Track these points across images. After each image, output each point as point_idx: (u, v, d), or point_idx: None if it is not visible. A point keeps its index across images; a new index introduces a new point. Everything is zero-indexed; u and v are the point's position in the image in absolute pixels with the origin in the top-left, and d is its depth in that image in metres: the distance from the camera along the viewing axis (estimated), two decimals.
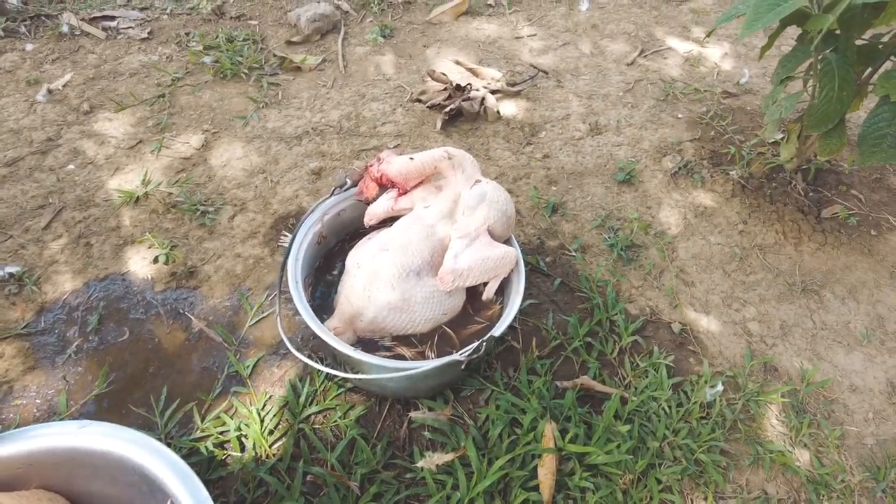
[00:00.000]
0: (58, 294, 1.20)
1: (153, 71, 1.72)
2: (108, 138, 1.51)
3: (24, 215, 1.33)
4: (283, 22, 1.96)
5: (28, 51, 1.75)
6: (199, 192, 1.40)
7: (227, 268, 1.26)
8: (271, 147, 1.52)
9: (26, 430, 0.85)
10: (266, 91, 1.69)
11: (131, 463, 0.83)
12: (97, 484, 0.87)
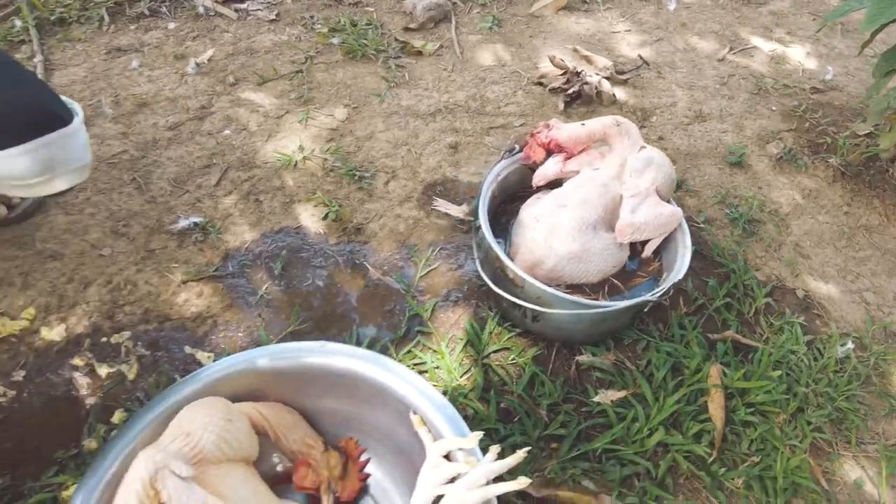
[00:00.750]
0: (239, 243, 1.30)
1: (285, 49, 1.83)
2: (257, 107, 1.62)
3: (195, 173, 1.43)
4: (398, 10, 2.07)
5: (170, 29, 1.86)
6: (352, 159, 1.50)
7: (391, 226, 1.36)
8: (409, 122, 1.63)
9: (270, 347, 0.95)
10: (394, 72, 1.79)
11: (369, 379, 0.92)
12: (329, 400, 0.97)
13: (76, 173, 0.93)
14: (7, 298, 1.15)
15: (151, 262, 1.24)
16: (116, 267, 1.22)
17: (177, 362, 1.09)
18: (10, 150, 0.84)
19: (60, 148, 0.89)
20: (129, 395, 1.04)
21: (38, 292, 1.16)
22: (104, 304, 1.16)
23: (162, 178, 1.40)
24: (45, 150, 0.87)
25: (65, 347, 1.09)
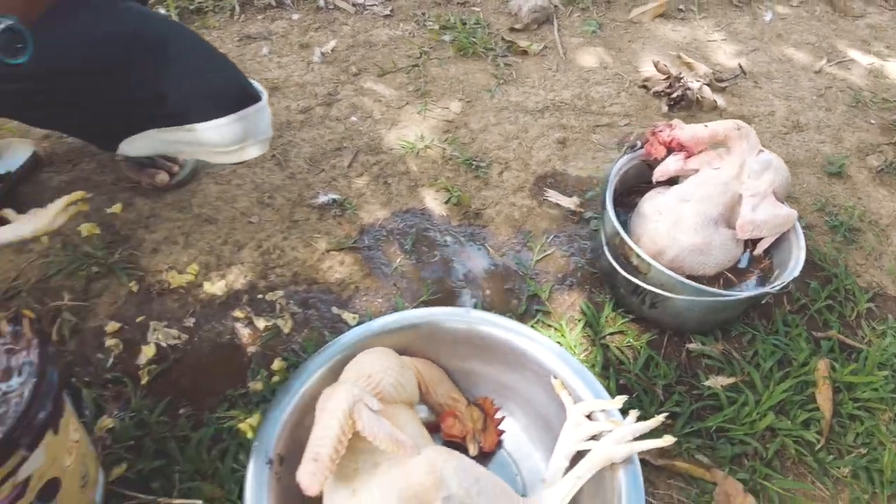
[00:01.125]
0: (372, 219, 1.41)
1: (401, 44, 1.95)
2: (379, 97, 1.74)
3: (328, 154, 1.55)
4: (503, 10, 2.16)
5: (294, 19, 2.00)
6: (468, 149, 1.60)
7: (506, 213, 1.46)
8: (519, 118, 1.72)
9: (420, 310, 1.06)
10: (503, 70, 1.89)
11: (510, 344, 1.02)
12: (470, 362, 1.06)
13: (261, 144, 1.05)
14: (173, 255, 1.29)
15: (296, 231, 1.36)
16: (265, 234, 1.35)
17: (325, 320, 1.20)
18: (219, 120, 0.96)
19: (254, 121, 1.01)
20: (286, 347, 1.16)
21: (199, 251, 1.30)
22: (257, 265, 1.29)
23: (299, 156, 1.53)
24: (244, 122, 0.99)
25: (226, 301, 1.22)
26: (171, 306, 1.20)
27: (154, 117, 0.96)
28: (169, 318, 1.18)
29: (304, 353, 1.13)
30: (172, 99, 0.94)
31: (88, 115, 0.98)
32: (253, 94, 1.03)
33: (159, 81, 0.94)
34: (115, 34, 0.94)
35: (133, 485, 0.95)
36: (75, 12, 0.91)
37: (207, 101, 0.99)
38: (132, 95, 0.94)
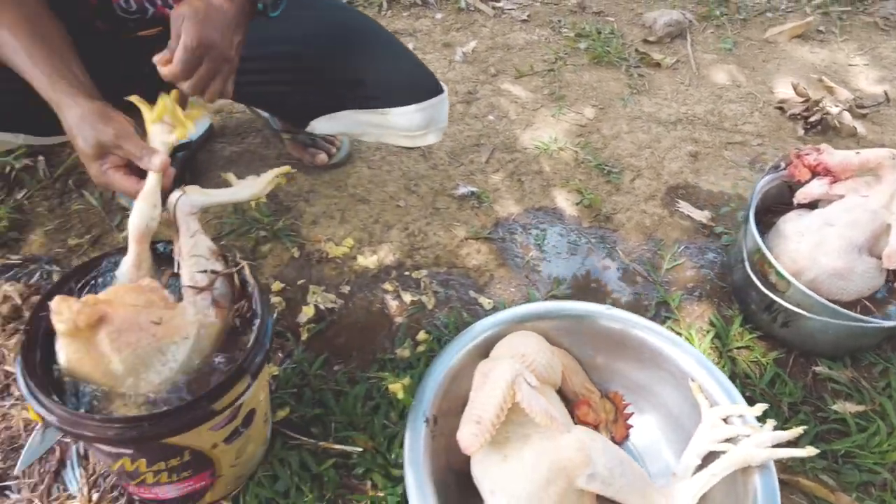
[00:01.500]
0: (506, 213, 1.49)
1: (536, 48, 2.02)
2: (515, 98, 1.82)
3: (467, 150, 1.65)
4: (637, 22, 2.19)
5: (437, 19, 2.11)
6: (600, 154, 1.65)
7: (637, 220, 1.50)
8: (651, 128, 1.75)
9: (561, 303, 1.12)
10: (636, 80, 1.92)
11: (647, 343, 1.07)
12: (603, 356, 1.12)
13: (439, 132, 1.15)
14: (330, 228, 1.41)
15: (437, 217, 1.46)
16: (410, 217, 1.45)
17: (463, 302, 1.29)
18: (410, 107, 1.06)
19: (437, 111, 1.10)
20: (429, 321, 1.25)
21: (353, 227, 1.42)
22: (403, 245, 1.39)
23: (441, 149, 1.63)
24: (429, 111, 1.09)
25: (377, 274, 1.33)
26: (329, 273, 1.33)
27: (352, 99, 1.07)
28: (326, 284, 1.30)
29: (445, 329, 1.23)
30: (371, 84, 1.05)
31: (293, 95, 1.10)
32: (438, 87, 1.12)
33: (360, 68, 1.05)
34: (327, 24, 1.06)
35: (295, 428, 1.07)
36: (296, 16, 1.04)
37: (402, 89, 1.09)
38: (336, 78, 1.05)
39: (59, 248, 1.34)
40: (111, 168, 0.83)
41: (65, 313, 0.69)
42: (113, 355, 0.72)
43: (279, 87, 1.10)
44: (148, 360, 0.75)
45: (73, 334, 0.70)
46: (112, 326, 0.72)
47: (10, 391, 1.05)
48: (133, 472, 0.81)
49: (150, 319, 0.76)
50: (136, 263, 0.84)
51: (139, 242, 0.83)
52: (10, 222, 1.36)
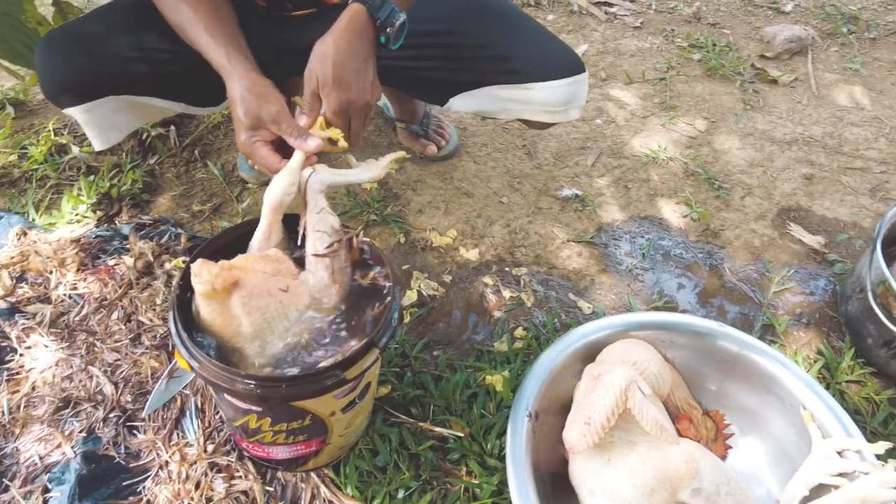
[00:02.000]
0: (610, 219, 1.47)
1: (648, 56, 1.98)
2: (624, 105, 1.79)
3: (573, 152, 1.64)
4: (754, 36, 2.11)
5: (548, 20, 2.10)
6: (710, 168, 1.61)
7: (746, 238, 1.45)
8: (764, 146, 1.69)
9: (672, 315, 1.10)
10: (750, 95, 1.85)
11: (759, 366, 1.03)
12: (711, 374, 1.09)
13: (579, 109, 1.13)
14: (435, 218, 1.44)
15: (540, 217, 1.46)
16: (513, 214, 1.46)
17: (562, 304, 1.29)
18: (556, 81, 1.06)
19: (580, 87, 1.10)
20: (527, 318, 1.26)
21: (457, 219, 1.44)
22: (505, 241, 1.40)
23: (546, 150, 1.63)
24: (573, 87, 1.08)
25: (478, 267, 1.35)
26: (432, 262, 1.35)
27: (496, 74, 1.08)
28: (429, 272, 1.33)
29: (542, 328, 1.23)
30: (518, 60, 1.06)
31: (438, 72, 1.12)
32: (581, 65, 1.11)
33: (507, 44, 1.06)
34: (469, 4, 1.08)
35: (396, 406, 1.09)
36: None
37: (548, 64, 1.08)
38: (484, 54, 1.07)
39: (183, 213, 1.43)
40: (259, 141, 0.88)
41: (204, 276, 0.73)
42: (243, 318, 0.76)
43: (426, 63, 1.11)
44: (273, 325, 0.79)
45: (209, 296, 0.75)
46: (244, 291, 0.77)
47: (141, 340, 1.13)
48: (255, 429, 0.86)
49: (277, 287, 0.80)
50: (266, 234, 0.88)
51: (273, 213, 0.87)
52: (143, 185, 1.46)
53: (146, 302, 1.18)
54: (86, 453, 0.98)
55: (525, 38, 1.07)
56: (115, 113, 1.09)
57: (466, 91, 1.12)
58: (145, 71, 1.06)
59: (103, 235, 1.31)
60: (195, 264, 0.75)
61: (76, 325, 1.14)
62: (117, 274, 1.22)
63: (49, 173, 1.49)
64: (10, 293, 1.18)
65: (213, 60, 0.89)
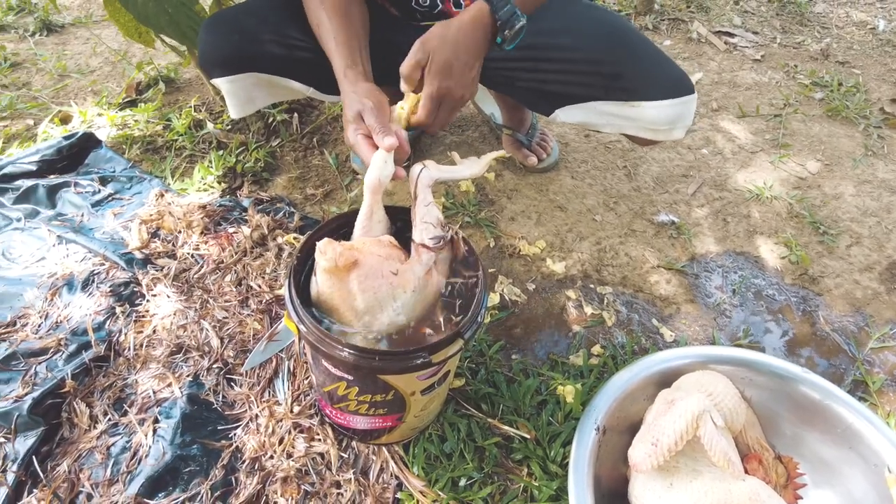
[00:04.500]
0: (704, 251, 1.45)
1: (765, 90, 1.92)
2: (733, 137, 1.75)
3: (674, 178, 1.63)
4: (888, 78, 2.00)
5: (665, 45, 2.09)
6: (817, 212, 1.55)
7: (847, 288, 1.39)
8: (882, 195, 1.60)
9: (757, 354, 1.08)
10: (874, 141, 1.76)
11: (844, 420, 1.00)
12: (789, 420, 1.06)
13: (683, 129, 1.14)
14: (526, 227, 1.48)
15: (632, 239, 1.47)
16: (604, 233, 1.48)
17: (644, 328, 1.29)
18: (664, 101, 1.07)
19: (687, 108, 1.10)
20: (606, 337, 1.27)
21: (547, 231, 1.48)
22: (593, 258, 1.42)
23: (647, 173, 1.63)
24: (681, 107, 1.09)
25: (563, 280, 1.38)
26: (518, 269, 1.39)
27: (606, 90, 1.11)
28: (514, 278, 1.37)
29: (621, 349, 1.24)
30: (629, 77, 1.08)
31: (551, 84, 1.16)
32: (691, 87, 1.12)
33: (621, 61, 1.08)
34: (592, 19, 1.11)
35: (467, 399, 1.14)
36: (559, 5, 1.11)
37: (659, 84, 1.10)
38: (598, 70, 1.10)
39: (297, 194, 1.55)
40: (362, 134, 0.95)
41: (328, 253, 0.82)
42: (358, 295, 0.84)
43: (540, 74, 1.16)
44: (382, 304, 0.86)
45: (332, 272, 0.83)
46: (361, 271, 0.84)
47: (248, 303, 1.25)
48: (342, 396, 0.93)
49: (389, 270, 0.87)
50: (368, 214, 0.95)
51: (372, 194, 0.94)
52: (264, 164, 1.60)
53: (257, 269, 1.30)
54: (190, 395, 1.10)
55: (638, 57, 1.09)
56: (254, 88, 1.23)
57: (574, 104, 1.16)
58: (283, 55, 1.18)
59: (226, 205, 1.44)
60: (322, 242, 0.83)
61: (195, 282, 1.28)
62: (235, 241, 1.35)
63: (186, 144, 1.67)
64: (146, 246, 1.33)
65: (334, 64, 1.00)
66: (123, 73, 2.00)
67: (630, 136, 1.20)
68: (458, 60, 0.93)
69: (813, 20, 2.22)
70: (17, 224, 1.40)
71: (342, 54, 1.00)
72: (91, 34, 2.24)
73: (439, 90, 0.93)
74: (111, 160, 1.61)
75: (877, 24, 2.17)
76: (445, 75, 0.93)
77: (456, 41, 0.93)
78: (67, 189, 1.49)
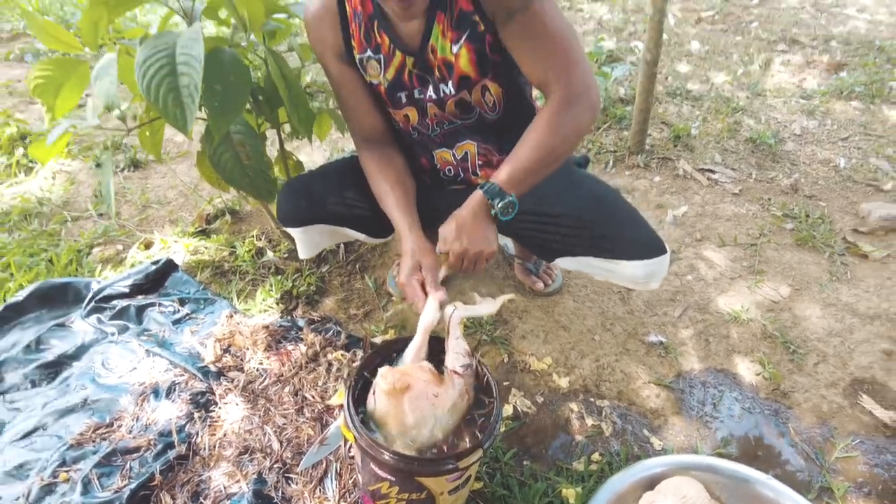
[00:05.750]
0: (689, 368, 1.67)
1: (743, 221, 2.19)
2: (715, 265, 2.00)
3: (663, 302, 1.86)
4: (850, 210, 2.26)
5: (654, 181, 2.39)
6: (788, 333, 1.76)
7: (814, 402, 1.58)
8: (845, 318, 1.82)
9: (725, 462, 1.27)
10: (838, 267, 2.00)
11: None
12: None
13: (658, 281, 1.37)
14: (534, 345, 1.71)
15: (626, 357, 1.69)
16: (602, 351, 1.70)
17: (636, 438, 1.49)
18: (639, 262, 1.32)
19: (660, 267, 1.34)
20: (604, 446, 1.47)
21: (553, 349, 1.71)
22: (593, 374, 1.64)
23: (639, 297, 1.88)
24: (653, 266, 1.33)
25: (567, 393, 1.59)
26: (528, 382, 1.62)
27: (595, 248, 1.37)
28: (525, 391, 1.59)
29: (616, 456, 1.43)
30: (610, 239, 1.34)
31: (554, 242, 1.43)
32: (663, 248, 1.36)
33: (607, 227, 1.34)
34: (585, 192, 1.39)
35: (485, 500, 1.33)
36: (555, 177, 1.40)
37: (635, 247, 1.34)
38: (589, 234, 1.35)
39: (342, 314, 1.82)
40: (416, 279, 1.23)
41: (389, 378, 1.06)
42: (409, 413, 1.07)
43: (541, 234, 1.42)
44: (426, 420, 1.09)
45: (390, 393, 1.07)
46: (412, 393, 1.08)
47: (304, 412, 1.48)
48: (384, 494, 1.14)
49: (432, 392, 1.10)
50: (419, 347, 1.20)
51: (425, 333, 1.20)
52: (315, 287, 1.88)
53: (310, 382, 1.54)
54: (255, 490, 1.31)
55: (618, 222, 1.35)
56: (319, 235, 1.53)
57: (570, 256, 1.42)
58: (342, 212, 1.49)
59: (285, 325, 1.71)
60: (384, 369, 1.08)
61: (259, 392, 1.52)
62: (292, 357, 1.60)
63: (249, 269, 1.96)
64: (219, 360, 1.59)
65: (397, 224, 1.30)
66: (195, 205, 2.35)
67: (614, 283, 1.46)
68: (464, 232, 1.22)
69: (783, 157, 2.53)
70: (111, 338, 1.68)
71: (405, 216, 1.31)
72: (168, 169, 2.62)
73: (456, 254, 1.23)
74: (186, 283, 1.90)
75: (839, 161, 2.47)
76: (457, 243, 1.23)
77: (463, 227, 1.23)
78: (153, 308, 1.78)
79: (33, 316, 1.73)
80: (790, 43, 3.59)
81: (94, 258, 2.04)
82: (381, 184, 1.36)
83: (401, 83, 1.32)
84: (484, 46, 1.23)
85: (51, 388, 1.53)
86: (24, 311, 1.73)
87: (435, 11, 1.19)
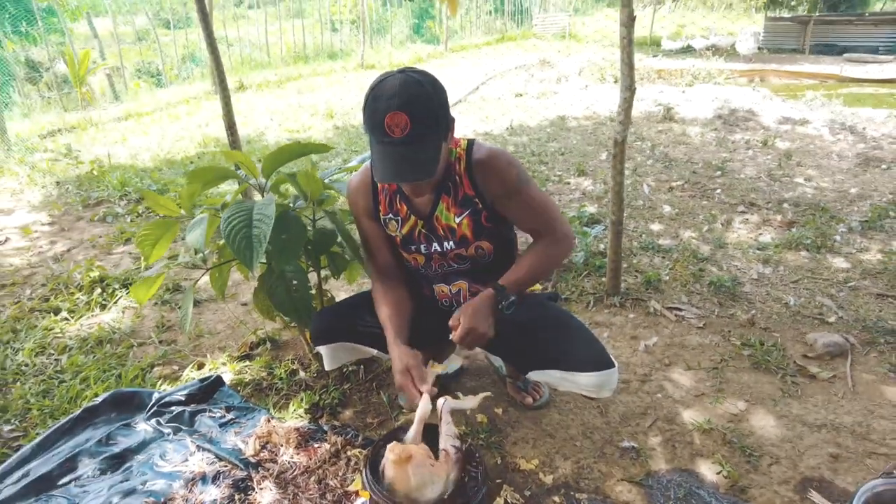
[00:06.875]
0: (657, 468, 1.88)
1: (707, 350, 2.49)
2: (681, 385, 2.28)
3: (636, 415, 2.12)
4: (800, 339, 2.56)
5: (629, 318, 2.74)
6: (745, 440, 1.99)
7: (768, 497, 1.76)
8: (796, 426, 2.03)
9: None
10: (789, 386, 2.26)
11: None
12: None
13: (609, 391, 1.68)
14: (525, 449, 1.96)
15: (603, 460, 1.92)
16: (582, 455, 1.94)
17: None
18: (592, 374, 1.64)
19: (608, 378, 1.66)
20: None
21: (540, 452, 1.95)
22: (574, 473, 1.86)
23: (615, 411, 2.14)
24: (603, 377, 1.65)
25: (551, 489, 1.80)
26: (518, 480, 1.84)
27: (556, 363, 1.70)
28: (515, 486, 1.81)
29: None
30: (568, 356, 1.68)
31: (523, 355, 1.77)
32: (611, 363, 1.69)
33: (563, 344, 1.69)
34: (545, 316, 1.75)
35: None
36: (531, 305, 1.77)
37: (587, 362, 1.67)
38: (551, 350, 1.70)
39: (359, 422, 2.09)
40: (407, 381, 1.57)
41: (396, 451, 1.36)
42: (412, 478, 1.35)
43: (515, 350, 1.79)
44: (425, 487, 1.36)
45: (398, 462, 1.36)
46: (414, 462, 1.36)
47: (326, 496, 1.71)
48: None
49: (430, 463, 1.39)
50: (416, 432, 1.50)
51: (420, 422, 1.51)
52: (339, 400, 2.18)
53: (333, 473, 1.78)
54: None
55: (574, 341, 1.70)
56: (342, 351, 1.88)
57: (539, 369, 1.76)
58: (361, 331, 1.85)
59: (312, 428, 1.99)
60: (391, 444, 1.38)
61: (290, 480, 1.77)
62: (318, 454, 1.86)
63: (283, 387, 2.28)
64: (257, 454, 1.86)
65: (387, 335, 1.67)
66: (241, 336, 2.73)
67: (575, 392, 1.78)
68: (474, 317, 1.59)
69: (742, 297, 2.89)
70: (168, 436, 1.96)
71: (392, 328, 1.68)
72: (219, 307, 3.05)
73: (465, 330, 1.58)
74: (231, 396, 2.21)
75: (789, 300, 2.82)
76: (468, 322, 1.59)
77: (476, 312, 1.61)
78: (203, 414, 2.08)
79: (105, 418, 2.03)
80: (748, 205, 4.13)
81: (154, 375, 2.38)
82: (383, 307, 1.75)
83: (412, 238, 1.77)
84: (480, 219, 1.70)
85: (116, 474, 1.80)
86: (98, 413, 2.04)
87: (440, 194, 1.68)
